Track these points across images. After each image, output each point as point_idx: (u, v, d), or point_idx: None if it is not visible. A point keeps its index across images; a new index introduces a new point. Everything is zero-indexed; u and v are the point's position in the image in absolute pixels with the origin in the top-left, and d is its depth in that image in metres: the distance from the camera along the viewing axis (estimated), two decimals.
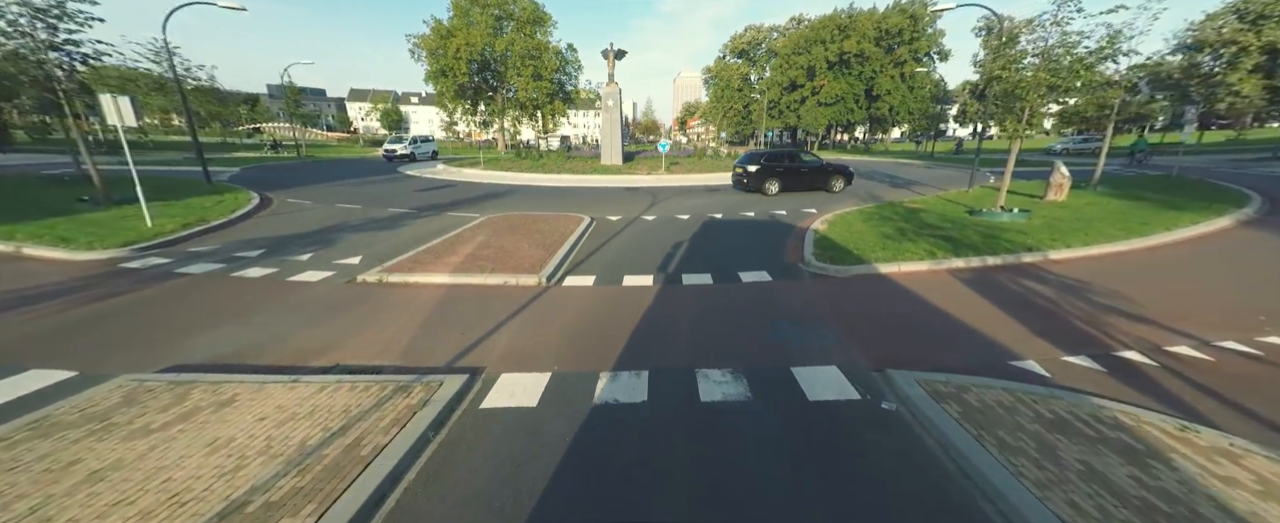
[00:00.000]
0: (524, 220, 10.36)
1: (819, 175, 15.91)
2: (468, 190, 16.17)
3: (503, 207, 12.79)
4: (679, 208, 12.67)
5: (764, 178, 15.13)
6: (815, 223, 10.09)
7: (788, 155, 16.13)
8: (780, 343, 4.62)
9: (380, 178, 19.64)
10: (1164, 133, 33.13)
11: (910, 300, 5.70)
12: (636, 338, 4.73)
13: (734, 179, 16.36)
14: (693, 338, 4.72)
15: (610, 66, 23.44)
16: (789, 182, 15.44)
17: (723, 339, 4.70)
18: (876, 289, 6.16)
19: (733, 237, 9.32)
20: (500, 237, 8.75)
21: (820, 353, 4.39)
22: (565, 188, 17.15)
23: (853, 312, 5.39)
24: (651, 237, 9.28)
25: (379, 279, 6.36)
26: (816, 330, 4.88)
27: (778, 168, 15.40)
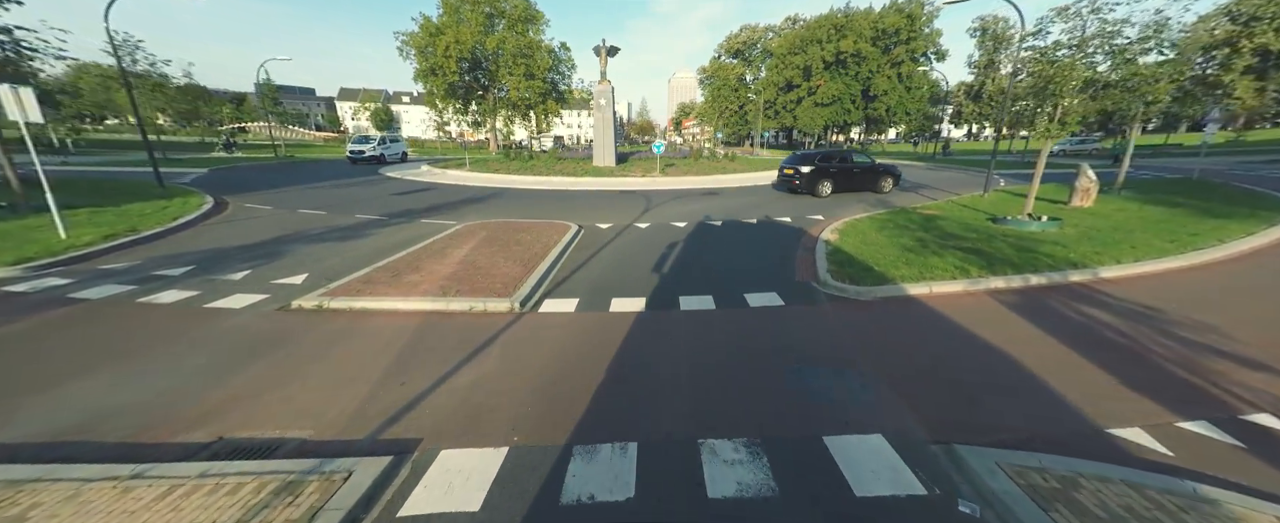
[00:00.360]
0: (503, 229, 9.34)
1: (871, 176, 15.32)
2: (448, 194, 15.11)
3: (483, 213, 11.76)
4: (675, 214, 11.71)
5: (818, 179, 14.43)
6: (825, 232, 9.16)
7: (840, 155, 15.34)
8: (803, 396, 3.65)
9: (357, 180, 18.52)
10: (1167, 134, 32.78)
11: (953, 333, 4.75)
12: (623, 388, 3.75)
13: (781, 180, 15.60)
14: (694, 389, 3.74)
15: (602, 64, 22.45)
16: (841, 182, 14.74)
17: (731, 390, 3.73)
18: (909, 317, 5.21)
19: (735, 248, 8.36)
20: (473, 249, 7.73)
21: (858, 412, 3.42)
22: (554, 191, 16.14)
23: (886, 349, 4.43)
24: (645, 248, 8.30)
25: (318, 305, 5.33)
26: (846, 378, 3.91)
27: (831, 168, 14.63)
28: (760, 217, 11.29)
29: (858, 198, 14.16)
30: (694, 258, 7.67)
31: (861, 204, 13.01)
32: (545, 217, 11.21)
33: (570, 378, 3.92)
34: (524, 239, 8.52)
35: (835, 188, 14.72)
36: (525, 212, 11.98)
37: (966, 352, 4.35)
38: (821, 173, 14.50)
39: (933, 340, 4.62)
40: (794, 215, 11.43)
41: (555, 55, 52.48)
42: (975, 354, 4.30)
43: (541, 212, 11.97)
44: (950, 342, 4.57)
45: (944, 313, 5.23)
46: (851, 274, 6.33)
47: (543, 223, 10.14)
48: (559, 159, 25.37)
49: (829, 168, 14.65)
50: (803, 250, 8.13)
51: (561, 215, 11.42)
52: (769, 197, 14.73)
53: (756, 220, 10.86)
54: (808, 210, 12.11)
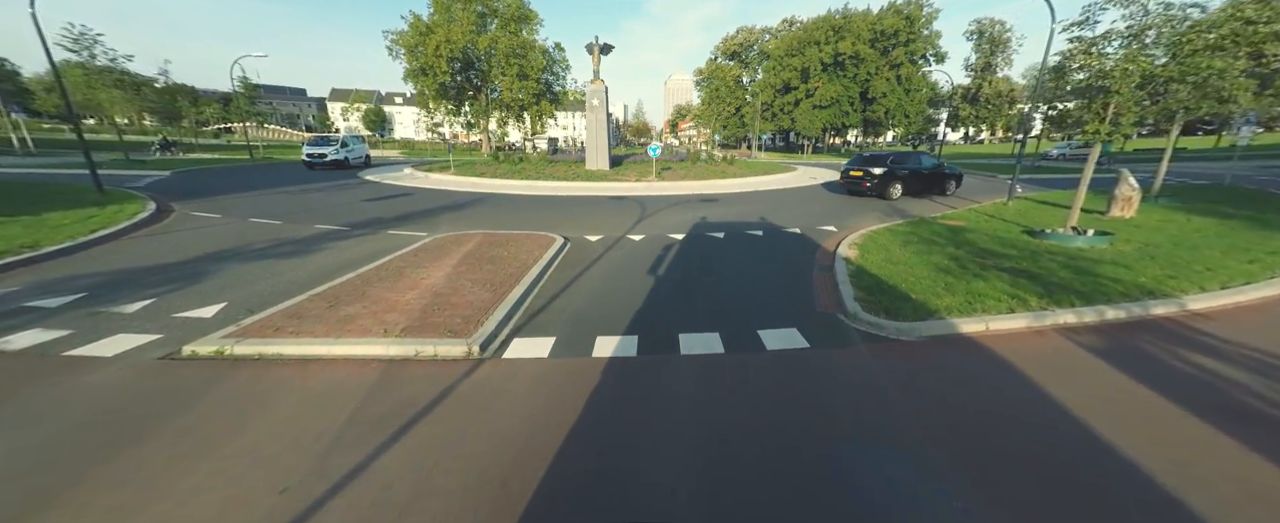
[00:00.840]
0: (479, 243, 8.20)
1: (937, 179, 15.15)
2: (426, 200, 13.94)
3: (461, 223, 10.61)
4: (672, 223, 10.61)
5: (889, 182, 14.19)
6: (841, 246, 8.09)
7: (910, 156, 14.96)
8: (860, 505, 2.55)
9: (329, 185, 17.29)
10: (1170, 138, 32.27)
11: (1033, 395, 3.67)
12: (602, 488, 2.64)
13: (847, 183, 15.24)
14: (701, 489, 2.63)
15: (595, 62, 21.37)
16: (910, 185, 14.45)
17: (754, 489, 2.63)
18: (971, 367, 4.12)
19: (742, 266, 7.26)
20: (438, 268, 6.59)
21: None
22: (542, 197, 15.01)
23: (955, 420, 3.34)
24: (638, 266, 7.19)
25: (218, 351, 4.17)
26: (907, 469, 2.82)
27: (901, 170, 14.22)
28: (766, 227, 10.21)
29: (870, 206, 13.13)
30: (695, 279, 6.57)
31: (876, 213, 11.96)
32: (529, 227, 10.08)
33: (530, 467, 2.80)
34: (500, 255, 7.38)
35: (904, 190, 14.39)
36: (508, 221, 10.85)
37: (1067, 429, 3.25)
38: (893, 175, 14.16)
39: (1014, 405, 3.53)
40: (803, 225, 10.36)
41: (549, 56, 51.49)
42: (1081, 435, 3.20)
43: (526, 221, 10.84)
44: (1037, 408, 3.48)
45: (1013, 362, 4.14)
46: (886, 304, 5.24)
47: (524, 235, 9.01)
48: (550, 162, 24.25)
49: (899, 170, 14.21)
50: (819, 269, 7.05)
51: (547, 225, 10.29)
52: (772, 204, 13.67)
53: (762, 231, 9.78)
54: (817, 220, 11.04)
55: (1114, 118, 7.19)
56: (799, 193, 16.48)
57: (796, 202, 14.25)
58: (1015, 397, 3.65)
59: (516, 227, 10.13)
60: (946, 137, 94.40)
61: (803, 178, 21.64)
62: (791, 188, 17.95)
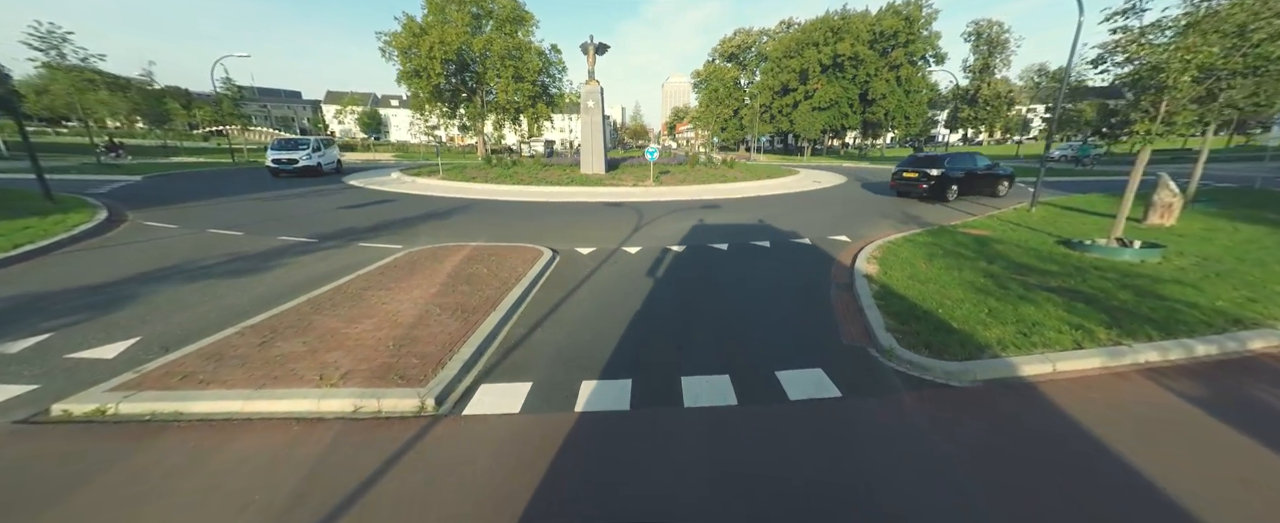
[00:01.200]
0: (458, 258, 7.36)
1: (992, 179, 15.04)
2: (409, 207, 13.09)
3: (443, 233, 9.77)
4: (671, 233, 9.79)
5: (947, 183, 13.98)
6: (859, 259, 7.26)
7: (964, 157, 14.65)
8: None
9: (307, 190, 16.42)
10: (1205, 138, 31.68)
11: (1137, 474, 2.83)
12: None
13: (900, 185, 15.10)
14: None
15: (590, 62, 20.60)
16: (967, 186, 14.29)
17: None
18: (1046, 427, 3.28)
19: (750, 284, 6.44)
20: (405, 290, 5.74)
21: None
22: (534, 204, 14.17)
23: (1043, 518, 2.50)
24: (634, 286, 6.35)
25: (100, 409, 3.31)
26: None
27: (957, 171, 13.93)
28: (773, 237, 9.39)
29: (882, 213, 12.32)
30: (698, 302, 5.74)
31: (889, 221, 11.15)
32: (516, 237, 9.24)
33: None
34: (478, 273, 6.54)
35: (961, 191, 14.36)
36: (494, 230, 10.00)
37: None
38: (949, 177, 13.98)
39: (1118, 490, 2.70)
40: (812, 234, 9.54)
41: (545, 57, 50.73)
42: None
43: (514, 231, 10.00)
44: (1151, 497, 2.65)
45: (1098, 419, 3.31)
46: (924, 335, 4.42)
47: (509, 247, 8.17)
48: (544, 165, 23.43)
49: (955, 171, 13.93)
50: (838, 288, 6.23)
51: (536, 235, 9.46)
52: (776, 210, 12.86)
53: (769, 242, 8.96)
54: (827, 228, 10.22)
55: (1167, 116, 6.40)
56: (804, 198, 15.69)
57: (802, 208, 13.44)
58: (1115, 475, 2.81)
59: (502, 237, 9.29)
60: (944, 138, 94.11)
61: (806, 181, 20.87)
62: (795, 193, 17.16)
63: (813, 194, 16.71)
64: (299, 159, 20.34)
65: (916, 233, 9.20)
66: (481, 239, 9.09)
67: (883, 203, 14.32)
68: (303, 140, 21.47)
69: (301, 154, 20.52)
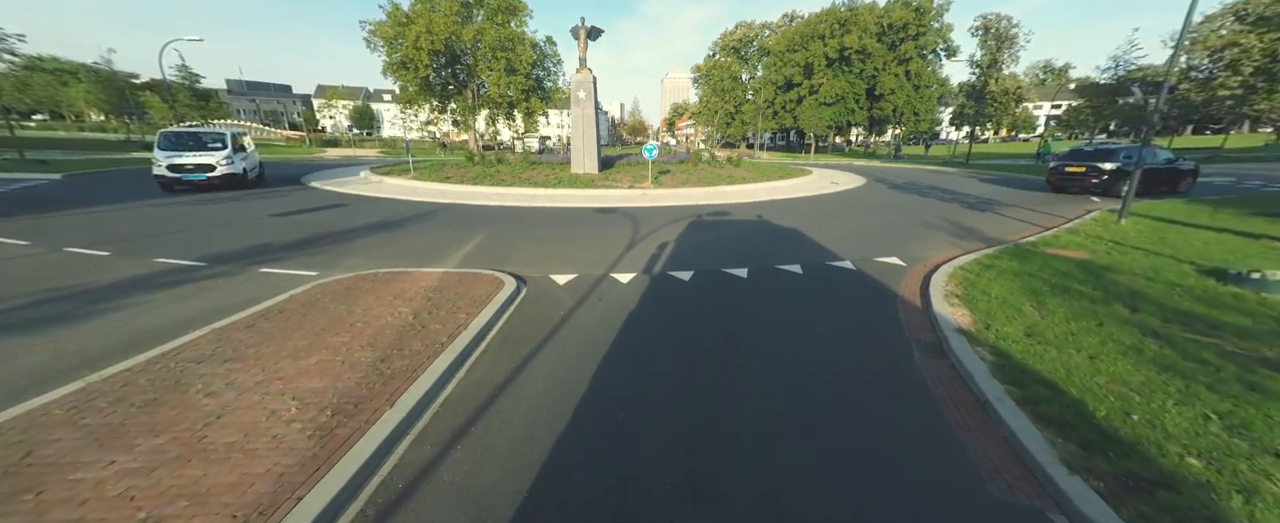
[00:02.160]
0: (379, 297, 5.30)
1: (1174, 175, 13.46)
2: (360, 213, 10.99)
3: (381, 253, 7.69)
4: (674, 252, 7.75)
5: (1120, 179, 12.47)
6: (935, 300, 5.23)
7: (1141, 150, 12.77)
8: None
9: (247, 192, 14.26)
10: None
11: None
12: None
13: (1061, 180, 14.08)
14: None
15: (581, 48, 18.47)
16: (1146, 183, 12.21)
17: None
18: None
19: (790, 344, 4.40)
20: (265, 364, 3.68)
21: None
22: (512, 209, 12.09)
23: None
24: (620, 352, 4.30)
25: None
26: None
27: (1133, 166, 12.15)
28: (804, 257, 7.34)
29: (926, 223, 10.28)
30: (715, 387, 3.68)
31: (941, 234, 9.10)
32: (478, 259, 7.20)
33: None
34: (398, 323, 4.49)
35: (1141, 190, 12.07)
36: (451, 247, 7.93)
37: None
38: (1123, 172, 12.47)
39: None
40: (853, 254, 7.50)
41: (540, 50, 48.45)
42: None
43: (475, 250, 7.93)
44: None
45: None
46: (1116, 454, 2.41)
47: (460, 276, 6.11)
48: (532, 163, 21.31)
49: (1131, 165, 11.99)
50: (926, 354, 4.20)
51: (504, 254, 7.40)
52: (798, 218, 10.80)
53: (800, 268, 6.91)
54: (868, 245, 8.18)
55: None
56: (824, 203, 13.64)
57: (827, 216, 11.40)
58: None
59: (458, 257, 7.23)
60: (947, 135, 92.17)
61: (821, 183, 18.82)
62: (813, 196, 15.10)
63: (834, 198, 14.66)
64: (215, 163, 13.23)
65: (990, 254, 7.15)
66: (429, 262, 7.02)
67: (920, 208, 12.28)
68: (216, 134, 14.19)
69: (217, 155, 13.37)
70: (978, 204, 12.83)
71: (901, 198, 14.42)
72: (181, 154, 13.24)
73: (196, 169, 13.37)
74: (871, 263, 7.14)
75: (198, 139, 14.06)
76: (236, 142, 14.59)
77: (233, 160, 13.86)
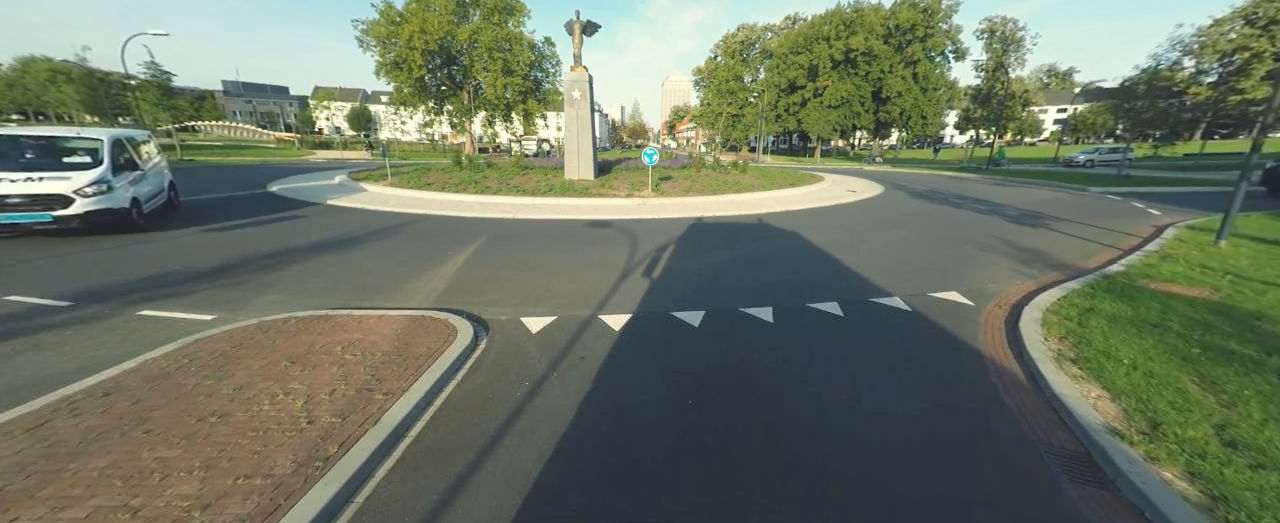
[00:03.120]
0: (285, 350, 3.83)
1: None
2: (311, 228, 9.52)
3: (318, 282, 6.21)
4: (679, 280, 6.28)
5: None
6: (1038, 359, 3.77)
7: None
8: None
9: (198, 199, 12.81)
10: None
11: None
12: None
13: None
14: None
15: (576, 44, 17.07)
16: None
17: None
18: None
19: (849, 431, 2.92)
20: (45, 486, 2.20)
21: None
22: (493, 223, 10.62)
23: None
24: (605, 458, 2.81)
25: None
26: None
27: None
28: (840, 290, 5.87)
29: (967, 238, 8.81)
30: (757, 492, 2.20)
31: (1000, 257, 7.62)
32: (435, 292, 5.72)
33: None
34: (259, 424, 2.99)
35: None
36: (408, 274, 6.46)
37: None
38: None
39: None
40: (902, 286, 6.03)
41: (538, 51, 47.12)
42: None
43: (435, 275, 6.45)
44: None
45: None
46: None
47: (400, 322, 4.64)
48: (525, 168, 19.86)
49: None
50: (1073, 476, 2.71)
51: (467, 287, 5.93)
52: (822, 235, 9.32)
53: (838, 305, 5.44)
54: (915, 272, 6.71)
55: None
56: (846, 216, 12.18)
57: (854, 231, 9.94)
58: None
59: (409, 292, 5.75)
60: (953, 140, 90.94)
61: (837, 191, 17.37)
62: (832, 207, 13.63)
63: (855, 210, 13.20)
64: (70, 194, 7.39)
65: (1079, 290, 5.66)
66: (371, 297, 5.54)
67: (958, 222, 10.81)
68: (81, 140, 8.47)
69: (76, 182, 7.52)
70: (1022, 217, 11.36)
71: (931, 210, 12.95)
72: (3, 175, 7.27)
73: (27, 205, 7.23)
74: (927, 300, 5.66)
75: (44, 148, 8.26)
76: (123, 151, 8.73)
77: (108, 187, 7.85)
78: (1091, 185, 18.35)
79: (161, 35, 19.87)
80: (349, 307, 5.19)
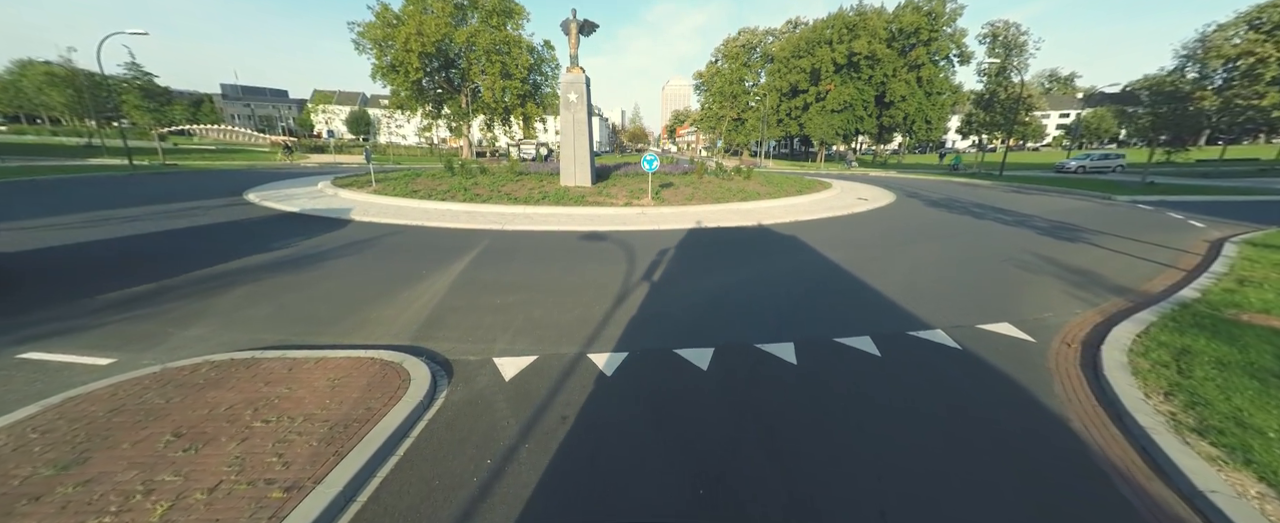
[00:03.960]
0: (181, 416, 2.93)
1: None
2: (280, 240, 8.65)
3: (263, 309, 5.33)
4: (683, 307, 5.39)
5: None
6: (1151, 428, 2.87)
7: None
8: None
9: (148, 209, 11.96)
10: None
11: None
12: None
13: None
14: None
15: (572, 44, 16.29)
16: None
17: None
18: None
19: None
20: None
21: None
22: (478, 236, 9.75)
23: None
24: None
25: None
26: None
27: None
28: (874, 321, 4.98)
29: (1004, 255, 7.92)
30: None
31: (1042, 276, 6.73)
32: (396, 323, 4.83)
33: None
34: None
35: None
36: (368, 300, 5.57)
37: None
38: None
39: None
40: (943, 316, 5.14)
41: (537, 54, 46.47)
42: None
43: (399, 298, 5.56)
44: None
45: None
46: None
47: (342, 366, 3.75)
48: (520, 173, 19.02)
49: None
50: None
51: (435, 316, 5.03)
52: (839, 250, 8.44)
53: (872, 340, 4.55)
54: (959, 299, 5.82)
55: None
56: (862, 226, 11.30)
57: (876, 244, 9.06)
58: None
59: (363, 323, 4.86)
60: (955, 145, 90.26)
61: (847, 198, 16.51)
62: (844, 216, 12.75)
63: (869, 219, 12.32)
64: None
65: (1159, 324, 4.77)
66: (317, 331, 4.65)
67: (986, 235, 9.93)
68: None
69: None
70: (1054, 229, 10.46)
71: (951, 219, 12.07)
72: None
73: None
74: (977, 335, 4.77)
75: None
76: None
77: None
78: (1115, 193, 17.47)
79: (140, 34, 19.09)
80: (287, 346, 4.30)
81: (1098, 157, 33.24)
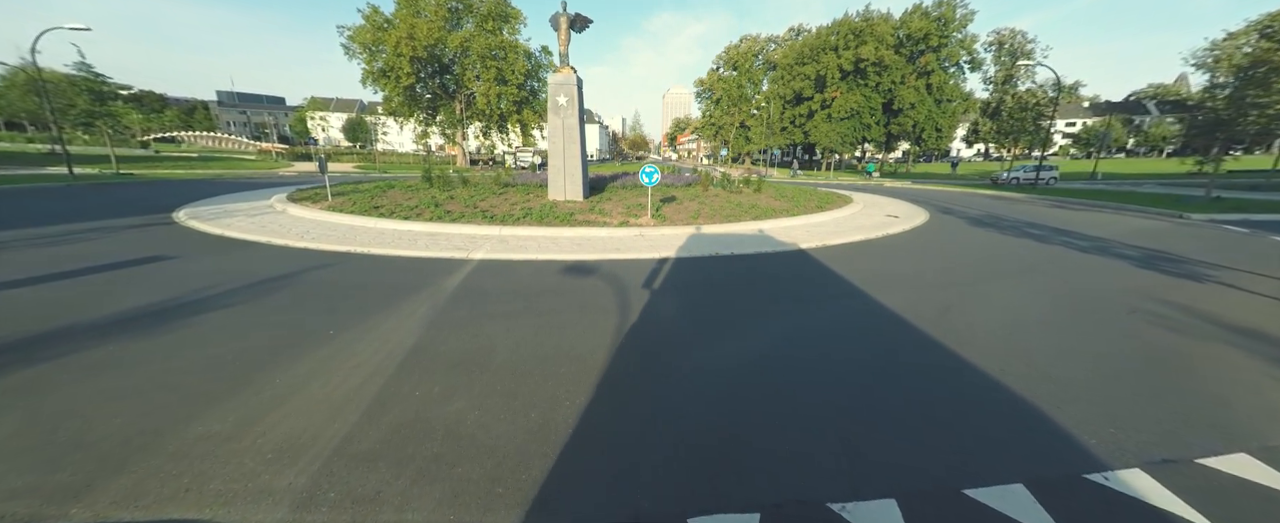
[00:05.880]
0: None
1: None
2: (160, 278, 6.70)
3: (83, 399, 3.33)
4: (692, 407, 3.40)
5: None
6: None
7: None
8: None
9: (79, 228, 10.03)
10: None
11: None
12: None
13: None
14: None
15: (562, 41, 14.48)
16: None
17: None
18: None
19: None
20: None
21: None
22: (432, 266, 7.79)
23: None
24: None
25: None
26: None
27: None
28: (996, 438, 3.01)
29: (1127, 303, 5.95)
30: None
31: (1206, 341, 4.75)
32: (238, 439, 2.82)
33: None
34: None
35: None
36: (237, 373, 3.60)
37: None
38: None
39: None
40: (1131, 435, 3.16)
41: (533, 59, 44.93)
42: None
43: (280, 384, 3.59)
44: None
45: None
46: None
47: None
48: (504, 185, 17.14)
49: None
50: None
51: (295, 431, 3.00)
52: (890, 290, 6.44)
53: (1036, 499, 2.57)
54: (1136, 402, 3.85)
55: None
56: (907, 253, 9.34)
57: (940, 286, 7.08)
58: None
59: (186, 440, 2.86)
60: (959, 153, 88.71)
61: (873, 215, 14.57)
62: (880, 239, 10.79)
63: (911, 242, 10.36)
64: None
65: None
66: (103, 463, 2.65)
67: (1072, 268, 7.95)
68: None
69: None
70: (1151, 260, 8.45)
71: (1011, 244, 10.08)
72: None
73: None
74: (1211, 483, 2.79)
75: None
76: None
77: None
78: (1185, 210, 15.49)
79: (82, 30, 17.26)
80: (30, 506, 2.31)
81: (1031, 168, 32.33)
